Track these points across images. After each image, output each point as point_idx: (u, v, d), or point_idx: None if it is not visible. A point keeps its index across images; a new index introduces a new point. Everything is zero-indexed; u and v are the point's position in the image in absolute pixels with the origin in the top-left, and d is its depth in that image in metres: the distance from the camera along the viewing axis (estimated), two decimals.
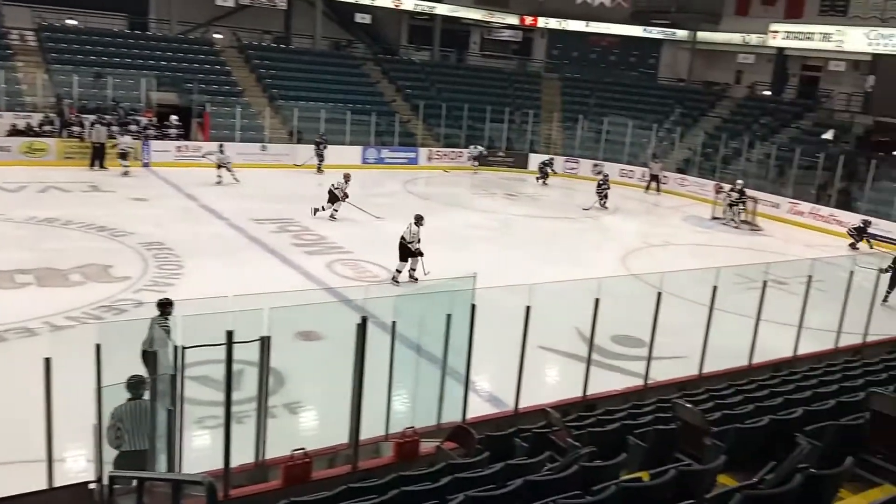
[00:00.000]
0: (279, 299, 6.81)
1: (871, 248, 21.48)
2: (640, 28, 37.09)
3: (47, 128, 24.02)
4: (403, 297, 7.84)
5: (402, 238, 14.63)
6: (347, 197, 19.44)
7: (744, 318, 11.11)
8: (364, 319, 6.76)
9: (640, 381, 9.83)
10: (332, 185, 19.62)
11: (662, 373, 10.04)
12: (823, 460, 5.25)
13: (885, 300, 14.64)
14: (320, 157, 26.22)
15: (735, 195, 23.58)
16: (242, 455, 6.58)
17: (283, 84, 30.43)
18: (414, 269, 14.59)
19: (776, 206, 25.60)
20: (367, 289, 13.73)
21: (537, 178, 28.53)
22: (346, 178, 19.72)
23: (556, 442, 6.66)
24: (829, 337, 11.88)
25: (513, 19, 37.98)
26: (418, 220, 14.74)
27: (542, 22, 37.74)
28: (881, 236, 22.36)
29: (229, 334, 5.95)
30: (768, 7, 33.25)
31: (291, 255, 16.22)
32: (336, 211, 19.34)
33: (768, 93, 33.97)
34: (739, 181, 24.45)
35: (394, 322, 7.70)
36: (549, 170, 28.79)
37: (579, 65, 38.28)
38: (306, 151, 26.67)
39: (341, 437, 7.04)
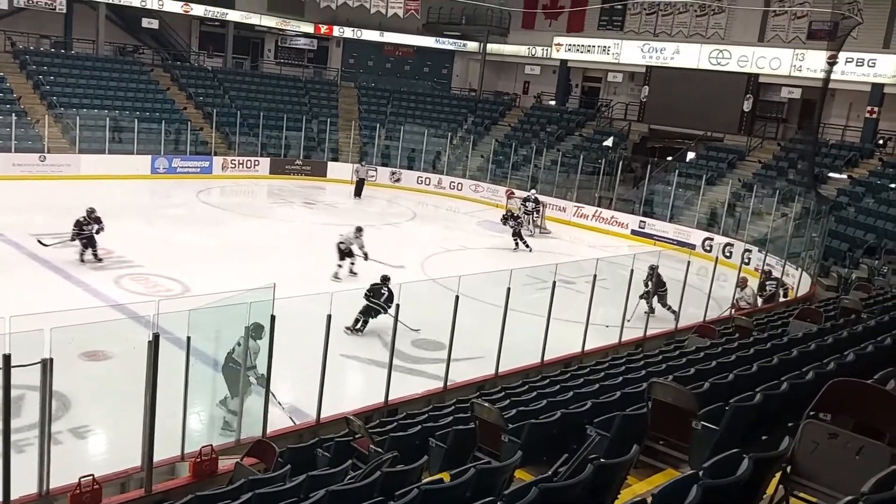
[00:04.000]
0: (62, 318, 6.50)
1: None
2: (432, 39, 38.36)
3: None
4: (199, 311, 7.70)
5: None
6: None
7: (536, 317, 11.91)
8: (156, 336, 6.63)
9: (440, 384, 10.21)
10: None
11: (462, 374, 10.52)
12: (612, 450, 5.58)
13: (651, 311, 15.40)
14: None
15: (531, 204, 24.82)
16: (24, 486, 6.25)
17: (64, 91, 28.40)
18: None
19: (563, 210, 27.42)
20: (158, 304, 13.17)
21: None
22: (359, 231, 16.86)
23: (359, 449, 6.79)
24: (613, 332, 12.98)
25: (307, 27, 37.86)
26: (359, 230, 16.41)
27: (337, 31, 37.95)
28: (658, 236, 24.68)
29: (6, 358, 5.65)
30: (552, 21, 35.69)
31: (75, 271, 15.29)
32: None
33: (553, 102, 36.27)
34: (533, 191, 25.84)
35: (188, 337, 7.58)
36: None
37: (375, 74, 38.87)
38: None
39: (134, 460, 6.85)
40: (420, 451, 6.44)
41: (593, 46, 33.54)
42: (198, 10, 33.67)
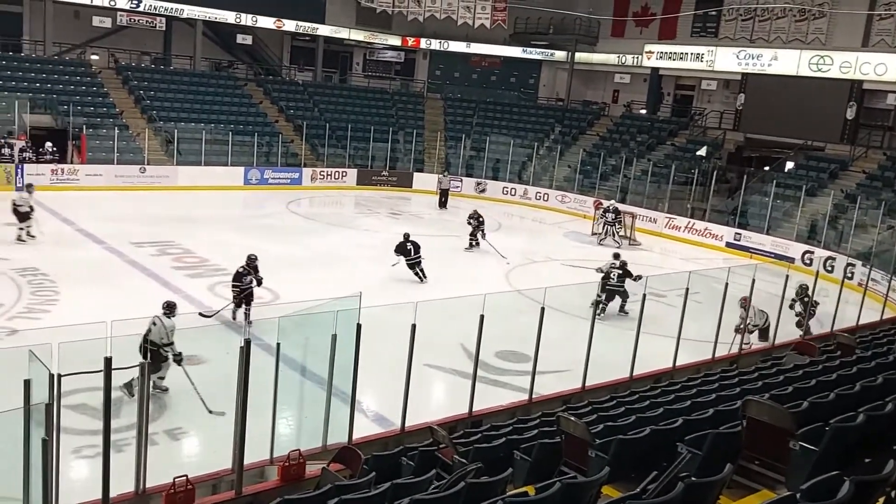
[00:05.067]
0: None
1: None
2: (519, 49, 38.30)
3: None
4: (288, 319, 7.86)
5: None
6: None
7: (625, 330, 11.67)
8: (247, 342, 6.78)
9: (525, 396, 10.06)
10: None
11: (547, 387, 10.35)
12: (703, 468, 5.35)
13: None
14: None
15: (610, 216, 24.45)
16: (122, 484, 6.47)
17: (163, 105, 29.66)
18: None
19: (653, 222, 26.81)
20: (250, 311, 13.52)
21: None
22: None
23: (443, 459, 6.75)
24: (706, 347, 12.52)
25: (395, 40, 38.45)
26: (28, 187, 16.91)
27: (424, 43, 38.37)
28: (754, 249, 23.85)
29: (108, 361, 5.87)
30: (643, 29, 34.99)
31: (172, 278, 15.86)
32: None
33: (644, 111, 35.60)
34: (612, 201, 25.47)
35: (278, 343, 7.73)
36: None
37: (461, 85, 39.08)
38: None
39: (225, 462, 7.01)
40: (504, 463, 6.36)
41: (686, 54, 32.73)
42: (289, 25, 34.67)
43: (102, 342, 6.06)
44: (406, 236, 17.51)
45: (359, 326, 7.93)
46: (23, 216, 17.40)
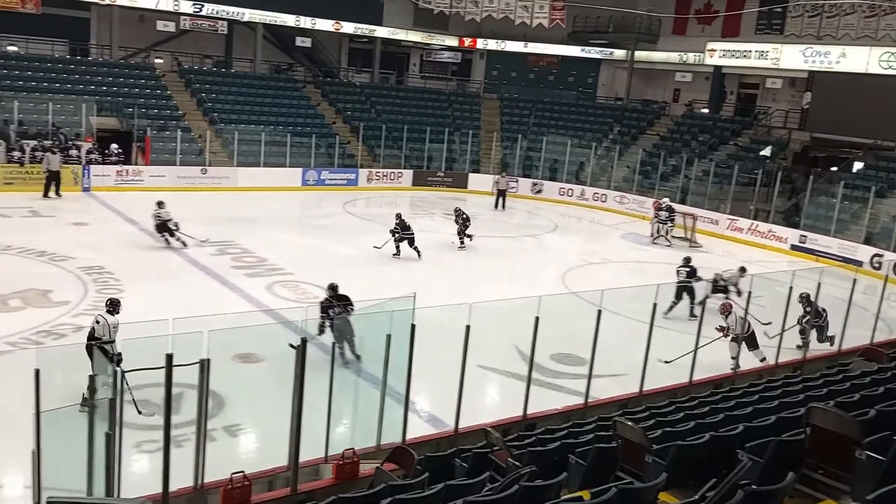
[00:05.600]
0: (219, 322, 6.86)
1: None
2: (578, 48, 37.94)
3: None
4: (343, 318, 7.94)
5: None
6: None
7: (684, 334, 11.45)
8: (303, 341, 6.86)
9: (580, 400, 9.96)
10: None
11: (603, 391, 10.22)
12: (765, 476, 5.31)
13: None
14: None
15: (663, 214, 24.07)
16: (181, 479, 6.60)
17: (224, 108, 30.27)
18: None
19: (715, 223, 26.24)
20: (306, 310, 13.69)
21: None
22: (160, 204, 18.02)
23: (497, 462, 6.71)
24: (769, 353, 12.25)
25: (452, 41, 38.51)
26: (160, 204, 17.38)
27: (480, 43, 38.34)
28: (820, 252, 23.18)
29: (169, 357, 6.00)
30: (705, 26, 34.31)
31: (231, 277, 16.16)
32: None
33: (706, 110, 34.88)
34: (665, 199, 25.06)
35: (333, 343, 7.82)
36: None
37: (518, 85, 38.89)
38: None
39: (281, 459, 7.09)
40: (559, 467, 6.29)
41: (750, 51, 31.87)
42: (348, 27, 35.05)
43: (164, 339, 6.20)
44: (399, 216, 19.46)
45: (413, 327, 7.94)
46: (165, 227, 17.89)
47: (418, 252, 19.05)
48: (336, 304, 11.59)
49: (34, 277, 14.65)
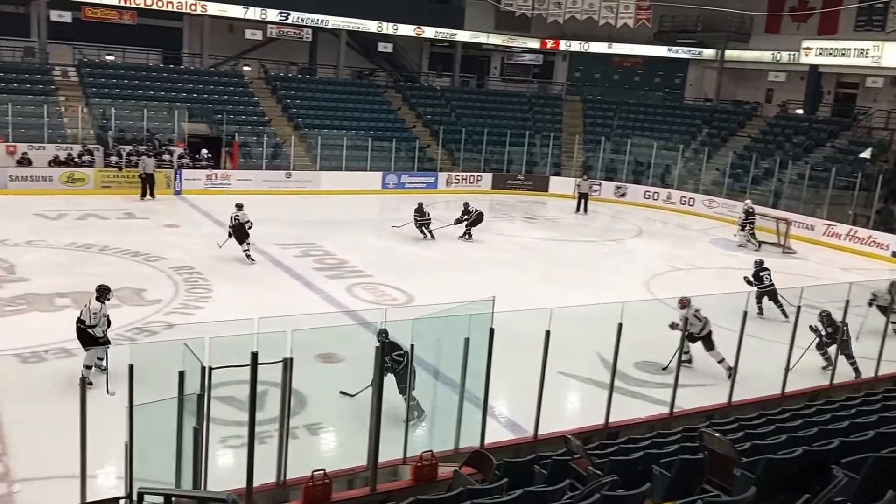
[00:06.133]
0: (301, 322, 6.99)
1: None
2: (664, 48, 37.08)
3: (87, 158, 24.71)
4: (422, 321, 7.95)
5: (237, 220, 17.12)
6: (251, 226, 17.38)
7: (777, 343, 11.03)
8: (382, 343, 6.92)
9: (665, 409, 9.72)
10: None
11: (689, 401, 9.94)
12: (862, 493, 5.10)
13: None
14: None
15: (743, 216, 23.28)
16: (265, 475, 6.74)
17: (308, 113, 30.94)
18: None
19: (810, 229, 25.14)
20: (385, 312, 13.85)
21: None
22: (239, 207, 17.56)
23: (577, 470, 6.59)
24: (868, 364, 11.72)
25: (534, 43, 38.31)
26: (239, 206, 17.40)
27: (563, 45, 37.99)
28: None
29: (254, 356, 6.15)
30: (800, 24, 32.99)
31: (313, 278, 16.48)
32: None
33: (801, 111, 33.54)
34: (748, 201, 24.23)
35: (412, 345, 7.86)
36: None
37: (602, 86, 38.39)
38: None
39: (360, 459, 7.16)
40: (642, 477, 6.14)
41: (849, 49, 30.36)
42: (429, 32, 35.33)
43: (249, 338, 6.36)
44: (420, 205, 21.44)
45: (492, 331, 7.90)
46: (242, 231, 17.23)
47: (432, 235, 21.09)
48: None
49: (129, 277, 15.28)
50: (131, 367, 5.86)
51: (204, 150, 26.65)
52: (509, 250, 20.99)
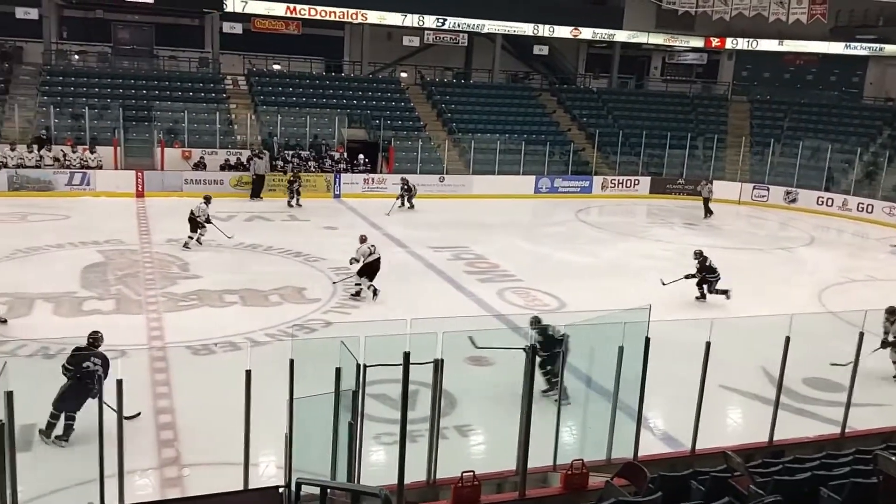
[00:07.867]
0: (452, 324, 7.02)
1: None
2: (841, 45, 34.72)
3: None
4: (574, 327, 7.80)
5: (191, 213, 17.81)
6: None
7: None
8: (533, 347, 6.82)
9: (836, 429, 9.05)
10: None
11: (863, 421, 9.25)
12: None
13: None
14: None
15: None
16: (415, 472, 6.82)
17: (462, 117, 31.34)
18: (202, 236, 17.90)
19: None
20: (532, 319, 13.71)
21: None
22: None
23: (737, 488, 6.29)
24: None
25: (697, 42, 36.87)
26: (207, 200, 18.34)
27: (729, 43, 36.33)
28: None
29: (406, 355, 6.23)
30: None
31: (465, 282, 16.61)
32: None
33: None
34: None
35: (564, 352, 7.71)
36: None
37: (771, 86, 36.45)
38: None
39: (509, 463, 7.09)
40: (808, 499, 5.74)
41: None
42: (586, 33, 34.82)
43: (402, 338, 6.46)
44: (405, 180, 23.97)
45: (647, 340, 7.63)
46: (196, 225, 17.96)
47: (412, 204, 23.27)
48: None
49: (291, 276, 16.09)
50: (292, 361, 6.10)
51: (361, 155, 27.61)
52: (666, 257, 20.25)
